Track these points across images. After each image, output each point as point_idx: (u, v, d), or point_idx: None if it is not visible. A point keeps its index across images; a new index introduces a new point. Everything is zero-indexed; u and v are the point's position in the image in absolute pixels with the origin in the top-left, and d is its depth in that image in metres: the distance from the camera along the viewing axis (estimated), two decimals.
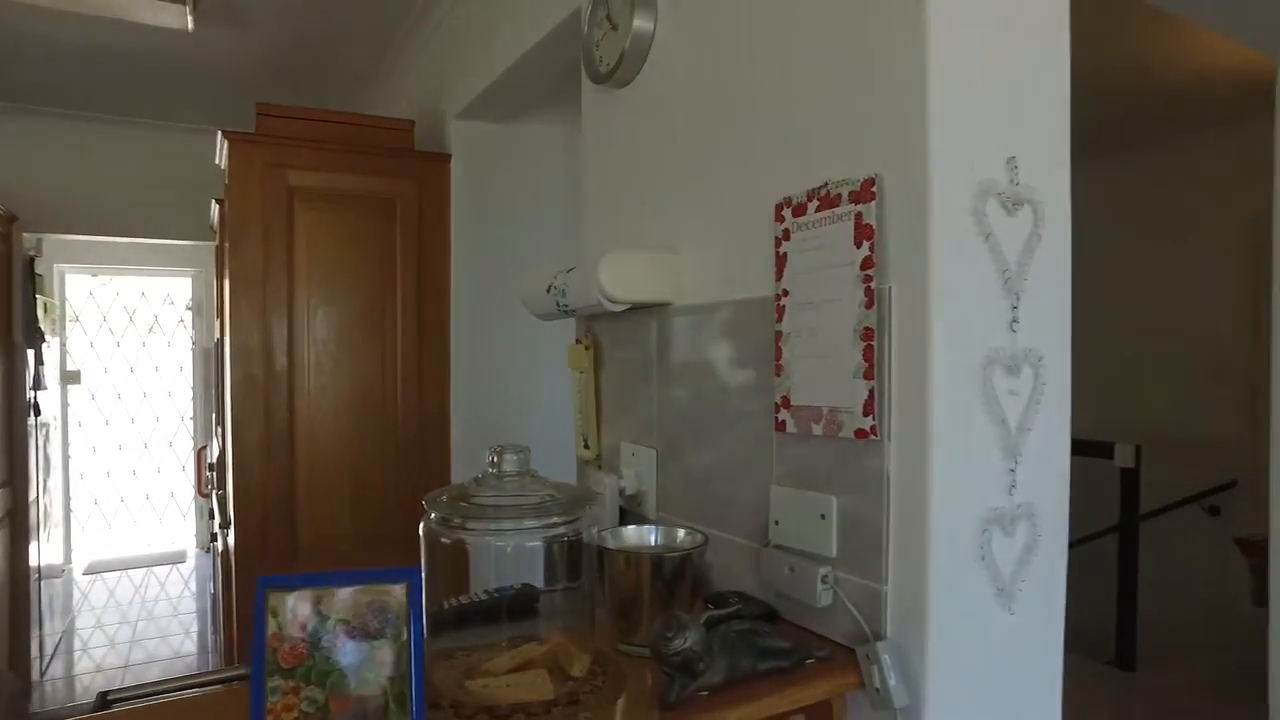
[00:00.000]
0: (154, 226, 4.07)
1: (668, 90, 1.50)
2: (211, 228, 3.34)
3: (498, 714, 0.90)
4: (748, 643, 0.98)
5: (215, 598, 3.88)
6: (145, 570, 5.20)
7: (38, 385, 3.80)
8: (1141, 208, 4.37)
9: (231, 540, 2.50)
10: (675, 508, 1.45)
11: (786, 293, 1.16)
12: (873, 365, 1.03)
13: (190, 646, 3.95)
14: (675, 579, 1.09)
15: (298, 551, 2.46)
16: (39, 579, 3.77)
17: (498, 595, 1.06)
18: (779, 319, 1.17)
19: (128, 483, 5.77)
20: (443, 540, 1.01)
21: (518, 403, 2.72)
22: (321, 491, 2.50)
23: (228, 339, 2.42)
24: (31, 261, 3.82)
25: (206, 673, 1.03)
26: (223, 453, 2.80)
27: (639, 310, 1.49)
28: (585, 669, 0.99)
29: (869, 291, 1.04)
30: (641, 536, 1.21)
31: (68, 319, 5.39)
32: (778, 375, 1.18)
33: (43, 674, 3.61)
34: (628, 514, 1.52)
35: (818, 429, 1.11)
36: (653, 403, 1.50)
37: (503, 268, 2.66)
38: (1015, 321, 1.09)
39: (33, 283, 3.81)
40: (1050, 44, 1.16)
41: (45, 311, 3.99)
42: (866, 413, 1.04)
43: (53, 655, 3.80)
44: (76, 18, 2.74)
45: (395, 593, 0.93)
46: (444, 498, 1.02)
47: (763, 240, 1.23)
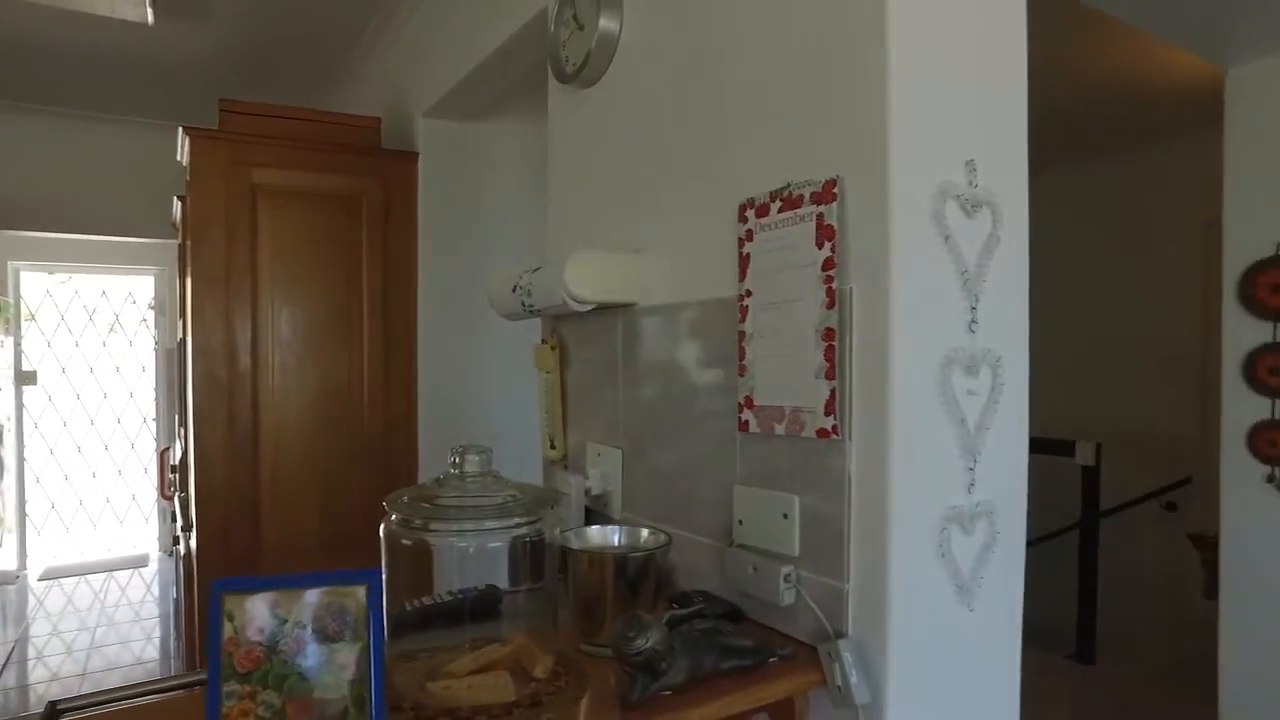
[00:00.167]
0: (114, 224, 3.99)
1: (633, 90, 1.50)
2: (174, 225, 3.28)
3: (459, 716, 0.90)
4: (710, 642, 0.99)
5: (178, 602, 3.80)
6: (105, 575, 5.08)
7: None
8: (1102, 212, 4.47)
9: (193, 543, 2.46)
10: (641, 508, 1.45)
11: (749, 293, 1.17)
12: (834, 365, 1.04)
13: (153, 652, 3.86)
14: (638, 579, 1.09)
15: (262, 554, 2.43)
16: None
17: (461, 596, 1.05)
18: (742, 319, 1.18)
19: (87, 486, 5.63)
20: (404, 542, 1.00)
21: (486, 403, 2.71)
22: (286, 493, 2.47)
23: (190, 338, 2.38)
24: None
25: (161, 679, 1.01)
26: (185, 454, 2.75)
27: (605, 310, 1.49)
28: (548, 670, 0.99)
29: (830, 292, 1.05)
30: (605, 537, 1.21)
31: (23, 318, 5.24)
32: (741, 375, 1.18)
33: None
34: (594, 514, 1.52)
35: (780, 429, 1.12)
36: (618, 403, 1.50)
37: (471, 267, 2.64)
38: (974, 322, 1.11)
39: None
40: (1008, 50, 1.18)
41: None
42: (828, 412, 1.05)
43: (4, 664, 3.70)
44: (31, 8, 2.67)
45: (355, 595, 0.93)
46: (405, 498, 1.01)
47: (726, 241, 1.24)
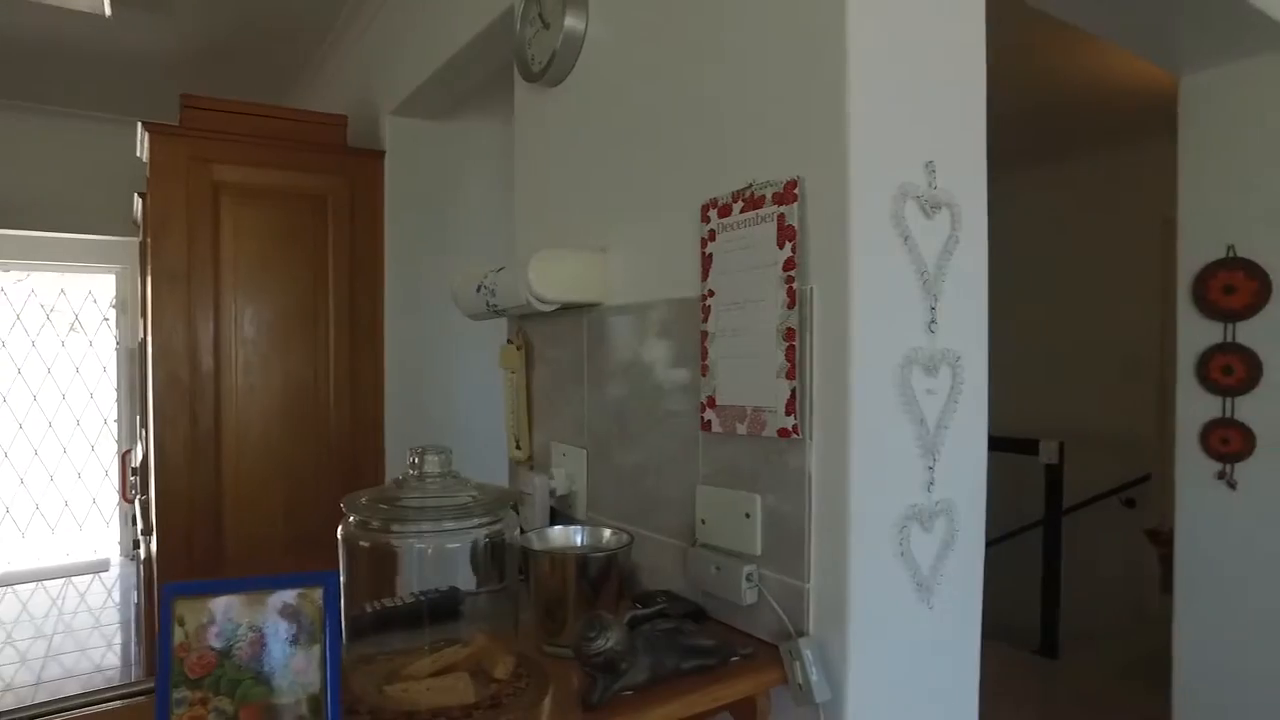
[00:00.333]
0: (73, 221, 3.89)
1: (598, 90, 1.50)
2: (134, 222, 3.21)
3: (417, 719, 0.89)
4: (671, 642, 0.99)
5: (139, 607, 3.72)
6: (64, 581, 4.96)
7: None
8: (1065, 215, 4.55)
9: (154, 547, 2.41)
10: (605, 508, 1.45)
11: (712, 293, 1.17)
12: (795, 365, 1.05)
13: (113, 659, 3.77)
14: (600, 579, 1.09)
15: (225, 557, 2.39)
16: None
17: (421, 598, 1.04)
18: (705, 319, 1.18)
19: (44, 489, 5.50)
20: (361, 544, 0.99)
21: (454, 403, 2.68)
22: (250, 495, 2.43)
23: (150, 338, 2.33)
24: None
25: (109, 688, 0.98)
26: (146, 456, 2.70)
27: (569, 310, 1.48)
28: (509, 671, 0.98)
29: (791, 292, 1.05)
30: (568, 537, 1.20)
31: None
32: (703, 375, 1.19)
33: None
34: (559, 514, 1.52)
35: (742, 428, 1.12)
36: (583, 403, 1.50)
37: (439, 267, 2.61)
38: (933, 322, 1.12)
39: None
40: (967, 53, 1.19)
41: None
42: (789, 412, 1.05)
43: None
44: None
45: (312, 597, 0.91)
46: (363, 500, 1.00)
47: (689, 241, 1.24)
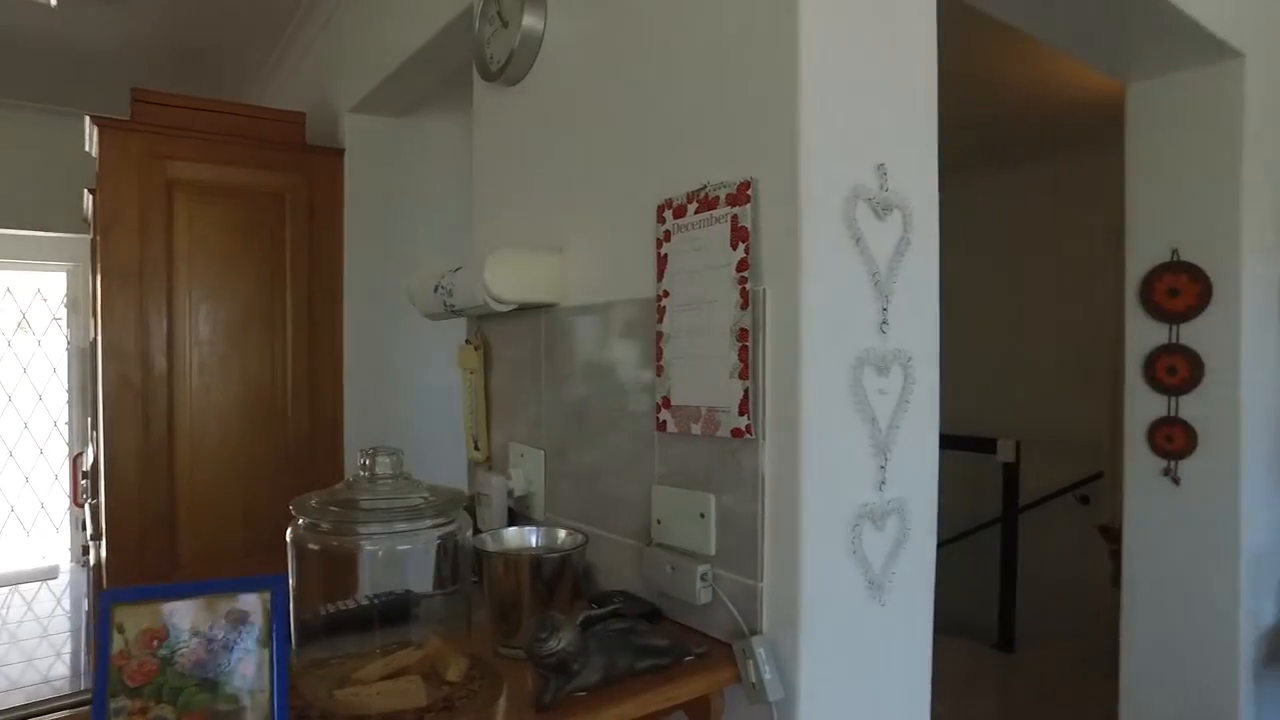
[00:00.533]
0: (20, 216, 3.78)
1: (557, 89, 1.49)
2: (85, 219, 3.13)
3: None
4: (625, 642, 0.99)
5: (89, 615, 3.62)
6: (9, 589, 4.82)
7: None
8: (1022, 219, 4.65)
9: (103, 553, 2.35)
10: (563, 508, 1.44)
11: (667, 293, 1.17)
12: (748, 366, 1.06)
13: (62, 669, 3.67)
14: (555, 580, 1.09)
15: (179, 563, 2.34)
16: None
17: (373, 601, 1.03)
18: (660, 320, 1.19)
19: None
20: (311, 546, 0.97)
21: (415, 404, 2.65)
22: (206, 499, 2.38)
23: (100, 338, 2.27)
24: None
25: (50, 699, 0.96)
26: (96, 460, 2.63)
27: (527, 310, 1.48)
28: (461, 674, 0.98)
29: (744, 293, 1.06)
30: (523, 538, 1.20)
31: None
32: (659, 375, 1.19)
33: None
34: (517, 515, 1.51)
35: (696, 428, 1.13)
36: (541, 403, 1.50)
37: (399, 266, 2.58)
38: (885, 323, 1.13)
39: None
40: (919, 57, 1.21)
41: None
42: (742, 412, 1.06)
43: None
44: None
45: (258, 602, 0.90)
46: (313, 502, 0.99)
47: (645, 241, 1.24)
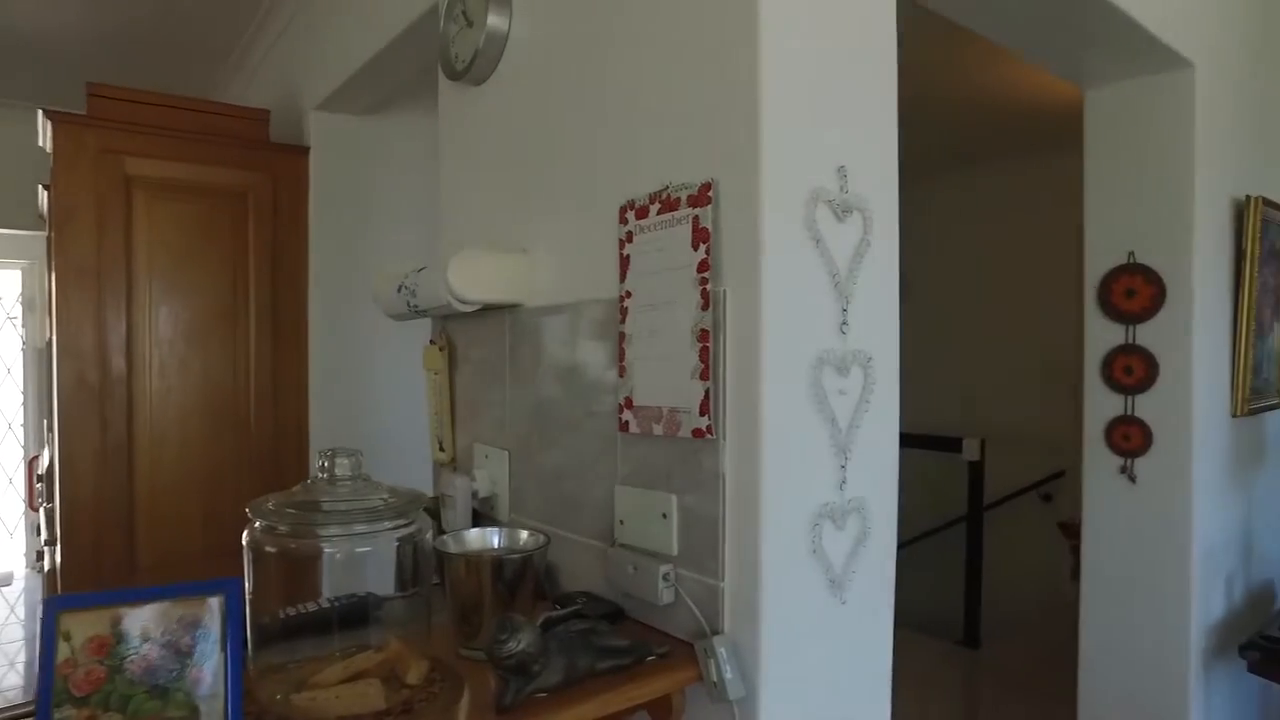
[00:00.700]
0: None
1: (521, 89, 1.49)
2: (40, 216, 3.06)
3: None
4: (586, 642, 0.99)
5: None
6: None
7: None
8: (987, 221, 4.72)
9: (58, 558, 2.29)
10: (528, 509, 1.44)
11: (630, 294, 1.18)
12: (709, 366, 1.06)
13: (15, 679, 3.57)
14: (516, 581, 1.08)
15: (138, 568, 2.29)
16: None
17: (332, 604, 1.02)
18: (622, 320, 1.19)
19: None
20: (268, 549, 0.96)
21: (380, 406, 2.63)
22: (167, 504, 2.33)
23: (56, 338, 2.22)
24: None
25: None
26: (52, 463, 2.57)
27: (491, 311, 1.47)
28: (421, 676, 0.97)
29: (705, 294, 1.06)
30: (485, 539, 1.19)
31: None
32: (621, 376, 1.19)
33: None
34: (481, 516, 1.50)
35: (658, 429, 1.13)
36: (505, 404, 1.49)
37: (365, 266, 2.56)
38: (845, 324, 1.15)
39: None
40: (879, 60, 1.22)
41: None
42: (703, 413, 1.06)
43: None
44: None
45: (211, 606, 0.89)
46: (270, 504, 0.97)
47: (608, 242, 1.24)
